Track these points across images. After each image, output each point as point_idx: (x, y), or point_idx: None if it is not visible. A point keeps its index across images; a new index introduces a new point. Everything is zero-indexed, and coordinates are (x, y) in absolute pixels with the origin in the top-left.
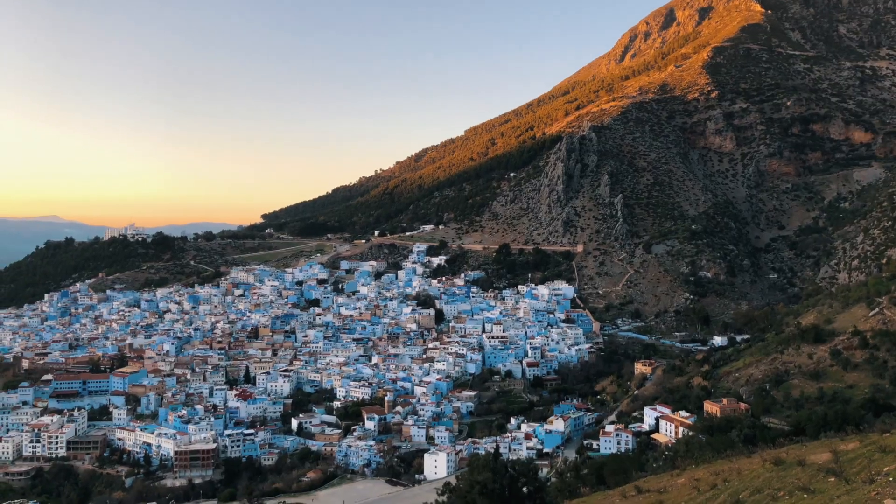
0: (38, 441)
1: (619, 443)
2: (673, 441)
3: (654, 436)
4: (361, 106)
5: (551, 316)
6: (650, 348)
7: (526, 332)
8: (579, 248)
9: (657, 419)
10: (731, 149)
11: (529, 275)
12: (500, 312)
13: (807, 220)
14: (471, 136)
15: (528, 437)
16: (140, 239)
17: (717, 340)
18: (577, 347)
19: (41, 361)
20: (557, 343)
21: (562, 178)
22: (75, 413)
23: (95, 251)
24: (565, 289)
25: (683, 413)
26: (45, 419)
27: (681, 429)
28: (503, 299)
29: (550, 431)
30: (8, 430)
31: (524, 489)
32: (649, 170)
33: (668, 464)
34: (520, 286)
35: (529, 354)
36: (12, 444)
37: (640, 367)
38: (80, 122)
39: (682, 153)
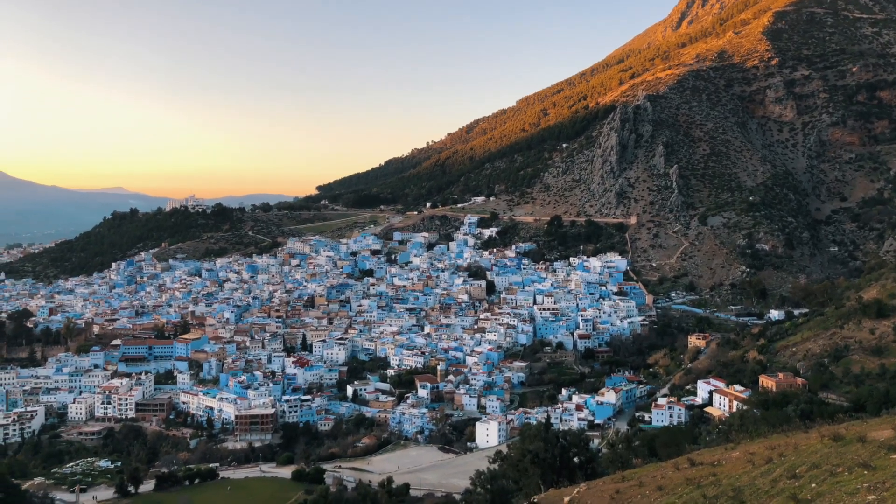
0: (108, 403)
1: (671, 416)
2: (727, 415)
3: (708, 409)
4: (414, 78)
5: (603, 288)
6: (704, 322)
7: (577, 305)
8: (633, 219)
9: (711, 393)
10: (791, 118)
11: (581, 247)
12: (552, 284)
13: (871, 191)
14: (522, 107)
15: (579, 408)
16: (200, 210)
17: (774, 314)
18: (629, 320)
19: (110, 327)
20: (609, 315)
21: (615, 148)
22: (142, 377)
23: (158, 222)
24: (618, 261)
25: (738, 387)
26: (115, 382)
27: (735, 403)
28: (554, 271)
29: (602, 403)
30: (81, 392)
31: (575, 459)
32: (706, 140)
33: (721, 437)
34: (571, 258)
35: (581, 326)
36: (85, 406)
37: (694, 341)
38: (143, 96)
39: (740, 123)
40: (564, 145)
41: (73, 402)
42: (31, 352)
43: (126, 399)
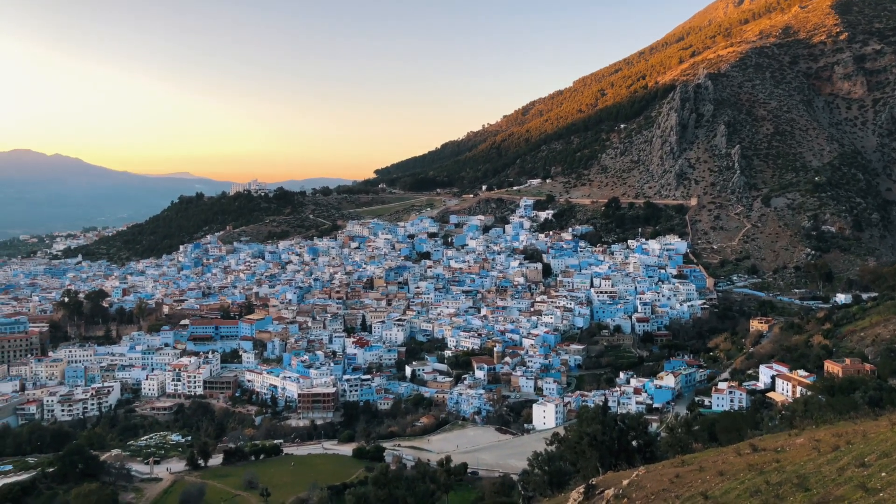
0: (178, 380)
1: (732, 400)
2: (790, 400)
3: (770, 395)
4: (470, 61)
5: (662, 271)
6: (767, 305)
7: (636, 288)
8: (693, 201)
9: (773, 378)
10: (861, 95)
11: (640, 229)
12: (609, 267)
13: None
14: (579, 88)
15: (637, 391)
16: (263, 194)
17: (841, 298)
18: (689, 303)
19: (179, 307)
20: (669, 299)
21: (675, 128)
22: (210, 355)
23: (223, 205)
24: (677, 243)
25: (802, 372)
26: (184, 360)
27: (799, 388)
28: (612, 254)
29: (661, 387)
30: (153, 369)
31: (634, 442)
32: (769, 119)
33: (785, 423)
34: (629, 241)
35: (639, 310)
36: (157, 382)
37: (756, 325)
38: (208, 83)
39: (806, 101)
40: (622, 126)
41: (146, 379)
42: (106, 330)
43: (195, 376)
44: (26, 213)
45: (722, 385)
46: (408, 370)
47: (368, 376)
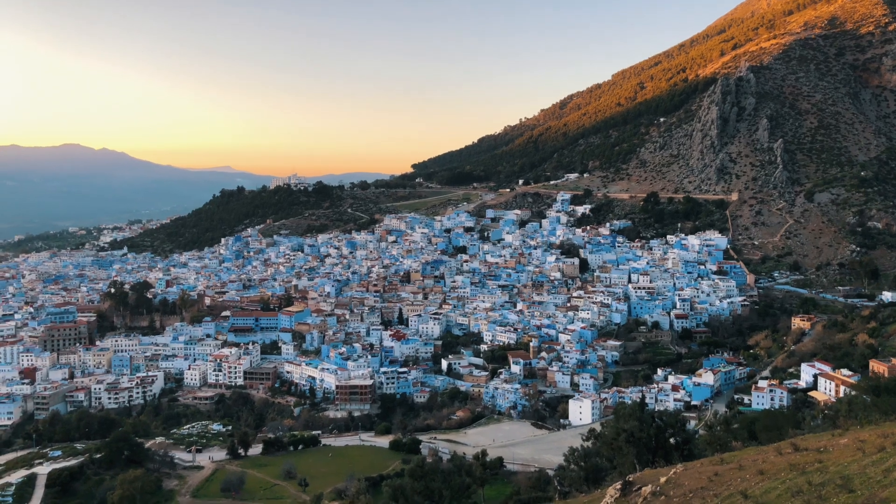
0: (219, 370)
1: (772, 399)
2: (833, 400)
3: (812, 394)
4: (508, 55)
5: (702, 267)
6: (809, 303)
7: (674, 284)
8: (734, 196)
9: (815, 376)
10: None
11: (679, 224)
12: (647, 263)
13: None
14: (618, 81)
15: (675, 388)
16: (302, 188)
17: (887, 296)
18: (729, 300)
19: (220, 299)
20: (708, 295)
21: (716, 122)
22: (250, 346)
23: (263, 199)
24: (718, 239)
25: (845, 371)
26: (225, 351)
27: (842, 388)
28: (650, 249)
29: (699, 384)
30: (195, 360)
31: (671, 440)
32: (813, 112)
33: (827, 423)
34: (668, 236)
35: (678, 306)
36: (199, 372)
37: (798, 322)
38: (249, 80)
39: (852, 93)
40: (662, 119)
41: (189, 369)
42: (150, 321)
43: (235, 367)
44: (75, 205)
45: (762, 383)
46: (444, 364)
47: (405, 369)
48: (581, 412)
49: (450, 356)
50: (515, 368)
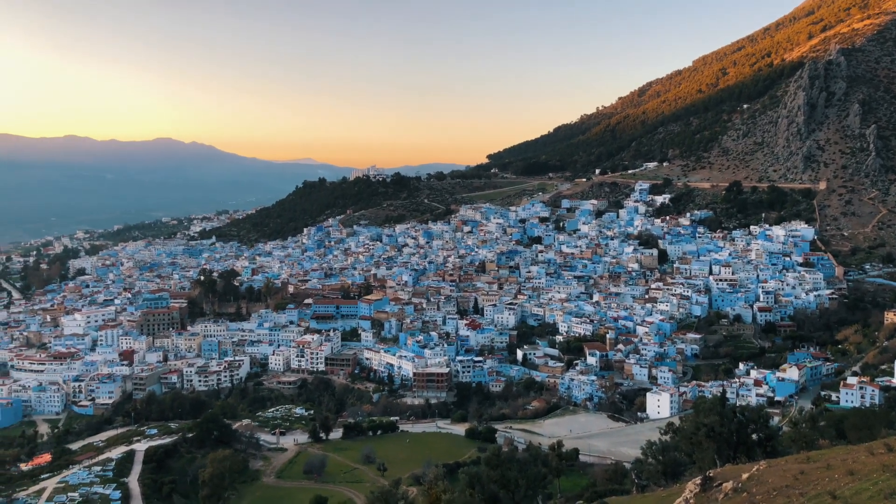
0: (302, 356)
1: (863, 396)
2: None
3: None
4: (584, 41)
5: (787, 259)
6: None
7: (758, 276)
8: (822, 185)
9: None
10: None
11: (763, 214)
12: (730, 254)
13: None
14: (699, 67)
15: (757, 383)
16: (381, 179)
17: None
18: (815, 293)
19: (303, 287)
20: (793, 288)
21: (803, 108)
22: (331, 333)
23: (343, 190)
24: (804, 230)
25: None
26: (308, 337)
27: None
28: (733, 240)
29: (783, 379)
30: (279, 345)
31: (753, 436)
32: None
33: None
34: (752, 227)
35: (761, 299)
36: (283, 358)
37: (891, 317)
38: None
39: None
40: (745, 106)
41: (273, 354)
42: (237, 307)
43: (317, 353)
44: (167, 196)
45: (851, 380)
46: (519, 354)
47: (481, 358)
48: (659, 405)
49: (525, 346)
50: (591, 360)
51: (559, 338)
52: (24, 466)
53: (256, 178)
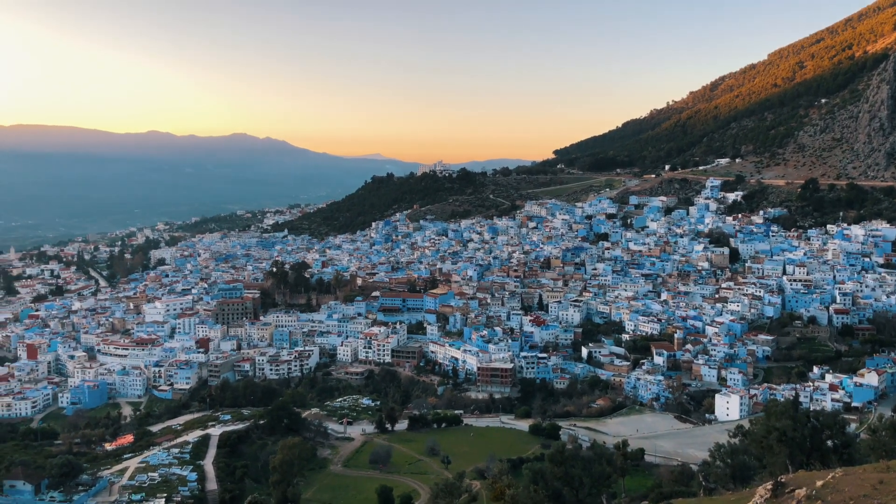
0: (369, 347)
1: None
2: None
3: None
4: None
5: (867, 260)
6: None
7: (834, 276)
8: None
9: None
10: None
11: (841, 213)
12: (805, 254)
13: None
14: (775, 60)
15: (833, 388)
16: (447, 175)
17: None
18: None
19: (370, 280)
20: (873, 290)
21: (887, 102)
22: (397, 326)
23: (410, 185)
24: (885, 230)
25: None
26: (375, 329)
27: None
28: (808, 239)
29: (861, 385)
30: (347, 337)
31: (828, 442)
32: None
33: None
34: (829, 226)
35: (838, 300)
36: (351, 349)
37: None
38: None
39: None
40: (823, 101)
41: (341, 345)
42: (308, 299)
43: (384, 345)
44: (242, 190)
45: None
46: (584, 351)
47: (545, 355)
48: (728, 408)
49: (590, 344)
50: (658, 359)
51: (625, 336)
52: (108, 446)
53: (327, 172)
